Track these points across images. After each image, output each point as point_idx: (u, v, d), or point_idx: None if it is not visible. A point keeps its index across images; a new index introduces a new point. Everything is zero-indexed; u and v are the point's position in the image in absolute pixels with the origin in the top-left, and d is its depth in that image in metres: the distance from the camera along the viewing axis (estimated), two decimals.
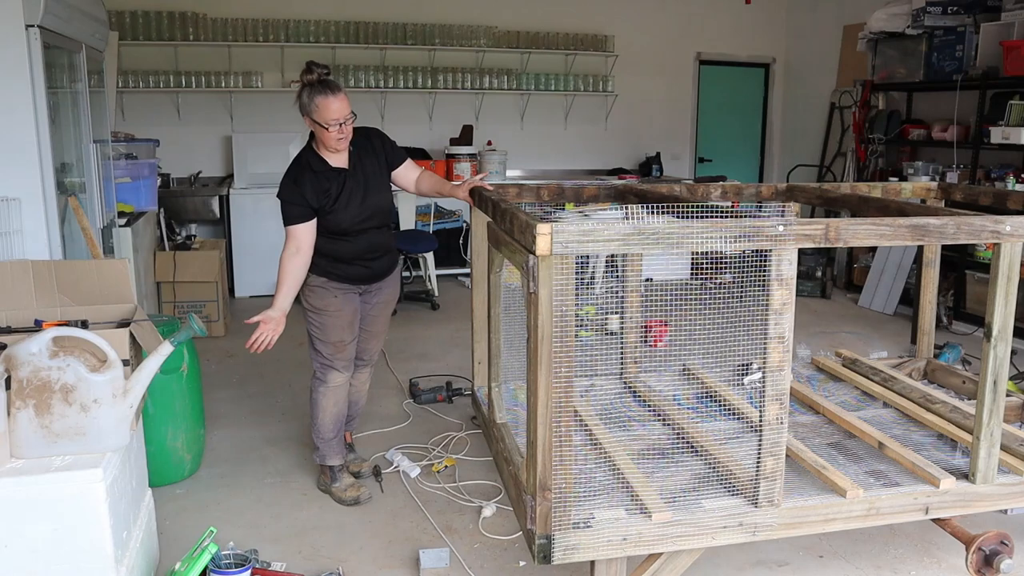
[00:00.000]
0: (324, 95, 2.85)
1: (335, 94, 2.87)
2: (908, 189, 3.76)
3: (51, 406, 2.10)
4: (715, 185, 3.63)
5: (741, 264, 2.44)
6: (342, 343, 3.10)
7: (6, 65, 3.04)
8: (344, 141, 2.96)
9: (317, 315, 3.06)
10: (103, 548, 2.11)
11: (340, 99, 2.88)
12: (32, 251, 3.14)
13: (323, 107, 2.85)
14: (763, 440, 2.21)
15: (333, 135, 2.90)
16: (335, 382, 3.14)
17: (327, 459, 3.19)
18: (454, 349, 5.03)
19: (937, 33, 6.03)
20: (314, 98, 2.86)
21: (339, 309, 3.06)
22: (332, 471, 3.20)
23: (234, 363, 4.85)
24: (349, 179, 3.01)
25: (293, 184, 2.95)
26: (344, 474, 3.22)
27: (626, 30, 7.81)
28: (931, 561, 2.76)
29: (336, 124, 2.88)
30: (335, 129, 2.89)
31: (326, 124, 2.87)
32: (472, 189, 3.14)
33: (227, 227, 6.58)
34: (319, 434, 3.18)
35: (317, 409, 3.16)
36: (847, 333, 5.56)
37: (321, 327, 3.07)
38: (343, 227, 2.99)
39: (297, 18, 6.88)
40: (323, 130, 2.89)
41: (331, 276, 3.04)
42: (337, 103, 2.87)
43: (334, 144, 2.93)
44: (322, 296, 3.05)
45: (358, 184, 3.03)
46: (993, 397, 2.40)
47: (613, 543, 2.17)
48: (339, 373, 3.13)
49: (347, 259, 3.05)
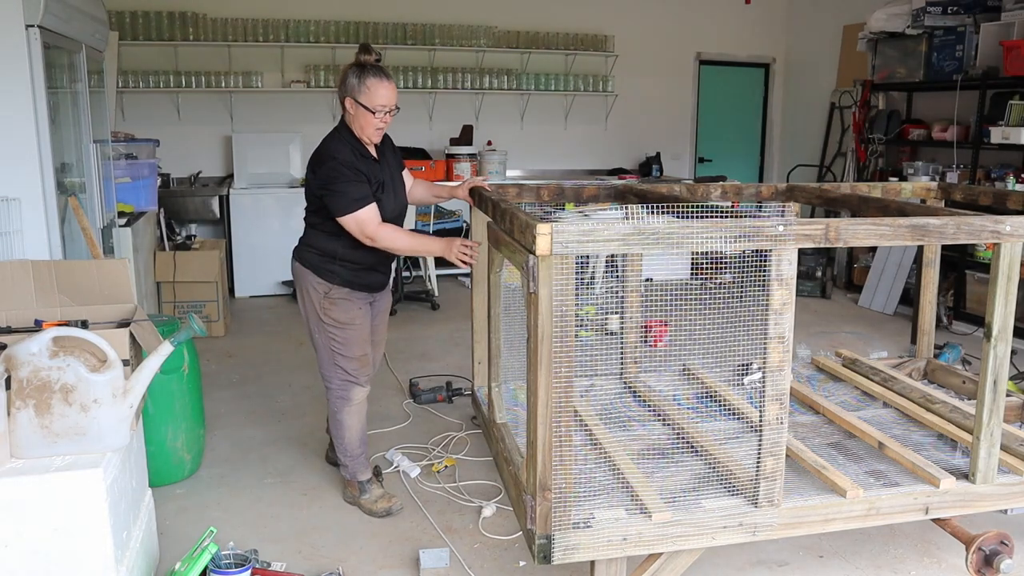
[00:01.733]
0: (378, 78, 2.75)
1: (388, 80, 2.77)
2: (908, 189, 3.76)
3: (51, 406, 2.10)
4: (715, 185, 3.63)
5: (741, 264, 2.44)
6: (366, 356, 2.99)
7: (6, 65, 3.04)
8: (380, 132, 2.85)
9: (341, 330, 2.90)
10: (103, 548, 2.11)
11: (391, 87, 2.78)
12: (32, 251, 3.14)
13: (375, 90, 2.74)
14: (763, 440, 2.21)
15: (376, 122, 2.78)
16: (358, 398, 3.01)
17: (358, 475, 3.05)
18: (454, 349, 5.03)
19: (937, 33, 6.03)
20: (366, 79, 2.74)
21: (363, 321, 2.94)
22: (362, 484, 3.05)
23: (234, 363, 4.85)
24: (383, 172, 2.91)
25: (346, 168, 2.74)
26: (374, 485, 3.07)
27: (626, 30, 7.81)
28: (931, 561, 2.76)
29: (383, 111, 2.77)
30: (380, 116, 2.78)
31: (373, 108, 2.75)
32: (472, 189, 3.12)
33: (227, 227, 6.58)
34: (347, 452, 3.04)
35: (343, 429, 3.01)
36: (847, 333, 5.56)
37: (345, 342, 2.91)
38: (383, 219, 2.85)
39: (297, 18, 6.88)
40: (367, 114, 2.77)
41: (354, 286, 2.91)
42: (388, 89, 2.77)
43: (373, 132, 2.82)
44: (347, 309, 2.91)
45: (389, 180, 2.93)
46: (993, 397, 2.40)
47: (613, 543, 2.17)
48: (362, 388, 3.01)
49: (370, 265, 2.94)
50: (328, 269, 2.90)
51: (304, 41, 6.90)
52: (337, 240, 2.86)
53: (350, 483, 3.08)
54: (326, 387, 3.04)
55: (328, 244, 2.90)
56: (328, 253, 2.90)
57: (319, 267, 2.91)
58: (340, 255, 2.87)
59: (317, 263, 2.92)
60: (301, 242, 3.01)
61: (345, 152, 2.78)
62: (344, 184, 2.73)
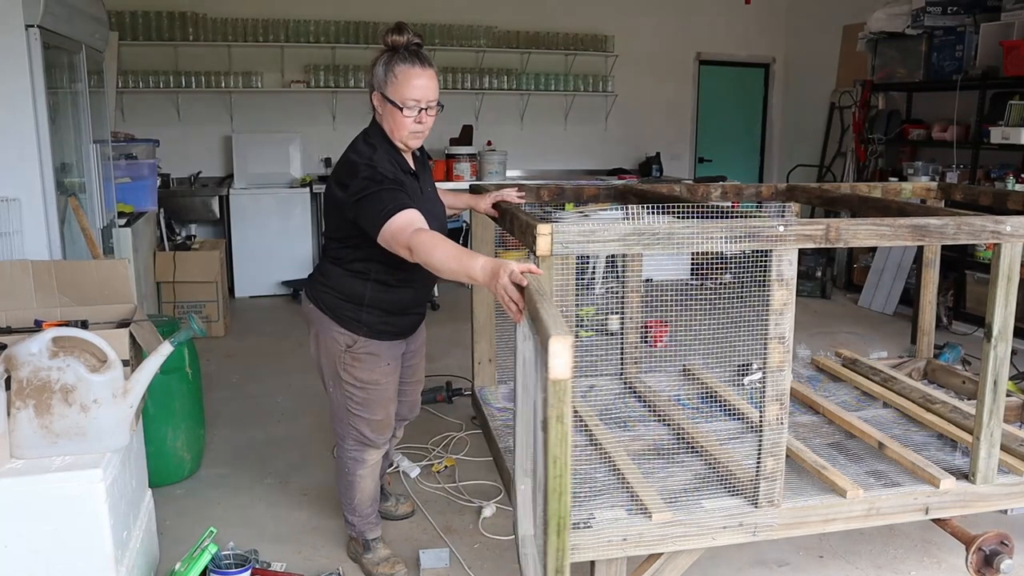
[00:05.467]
0: (409, 63, 2.17)
1: (423, 67, 2.20)
2: (908, 189, 3.76)
3: (51, 406, 2.10)
4: (715, 185, 3.63)
5: (741, 264, 2.44)
6: (388, 418, 2.53)
7: (6, 65, 3.04)
8: (419, 136, 2.28)
9: (363, 390, 2.42)
10: (103, 548, 2.11)
11: (428, 75, 2.20)
12: (32, 251, 3.14)
13: (403, 79, 2.17)
14: (763, 440, 2.21)
15: (408, 121, 2.21)
16: (373, 460, 2.59)
17: (367, 533, 2.68)
18: (454, 349, 5.03)
19: (937, 33, 6.03)
20: (394, 66, 2.18)
21: (389, 378, 2.45)
22: (367, 542, 2.69)
23: (234, 363, 4.85)
24: (423, 188, 2.36)
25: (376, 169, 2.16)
26: (380, 546, 2.69)
27: (626, 30, 7.81)
28: (931, 561, 2.76)
29: (415, 106, 2.20)
30: (411, 113, 2.20)
31: (401, 102, 2.18)
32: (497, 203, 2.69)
33: (227, 227, 6.58)
34: (355, 512, 2.66)
35: (354, 491, 2.61)
36: (847, 333, 5.56)
37: (365, 403, 2.44)
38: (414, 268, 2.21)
39: (297, 18, 6.88)
40: (396, 111, 2.20)
41: (383, 335, 2.40)
42: (423, 79, 2.19)
43: (407, 136, 2.25)
44: (372, 366, 2.41)
45: (428, 197, 2.38)
46: (993, 397, 2.40)
47: (613, 543, 2.17)
48: (378, 450, 2.59)
49: (403, 308, 2.42)
50: (353, 317, 2.36)
51: (304, 41, 6.90)
52: (365, 282, 2.34)
53: (355, 539, 2.74)
54: (337, 443, 2.64)
55: (355, 287, 2.36)
56: (354, 298, 2.36)
57: (341, 315, 2.38)
58: (369, 299, 2.35)
59: (339, 309, 2.37)
60: (318, 280, 2.46)
61: (379, 157, 2.23)
62: (377, 191, 2.11)
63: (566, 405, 1.45)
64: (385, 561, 2.66)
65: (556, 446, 1.46)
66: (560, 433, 1.46)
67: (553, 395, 1.44)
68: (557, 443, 1.46)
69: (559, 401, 1.44)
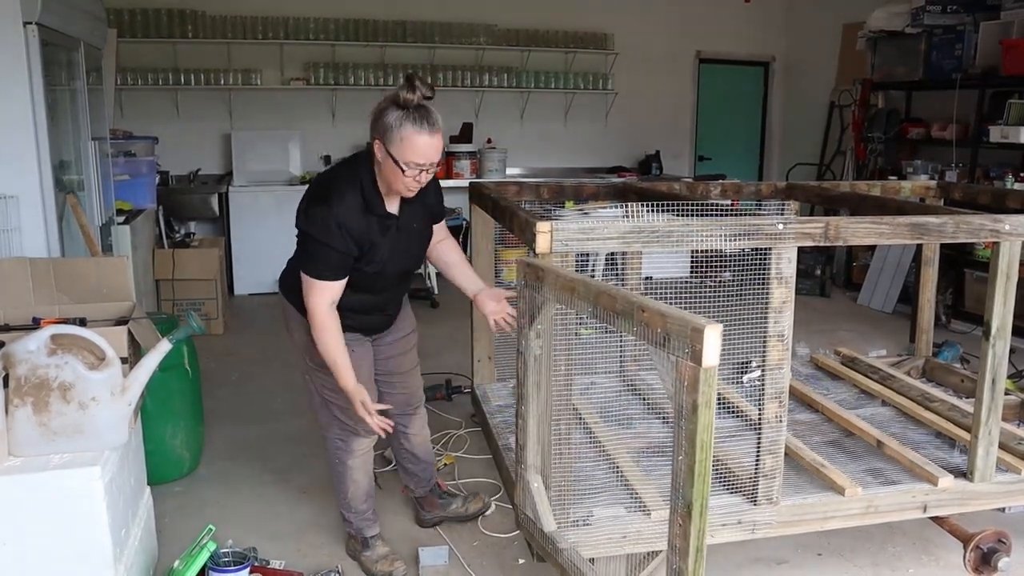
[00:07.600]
0: (418, 128, 2.17)
1: (431, 130, 2.18)
2: (907, 188, 3.76)
3: (49, 404, 2.10)
4: (715, 183, 3.63)
5: (741, 262, 2.44)
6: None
7: (4, 63, 3.04)
8: (414, 191, 2.31)
9: (329, 375, 2.42)
10: (101, 546, 2.11)
11: (435, 138, 2.20)
12: (30, 249, 3.13)
13: (410, 144, 2.17)
14: (762, 438, 2.22)
15: (407, 182, 2.24)
16: (362, 449, 2.62)
17: (364, 531, 2.71)
18: (454, 347, 5.03)
19: (936, 32, 6.03)
20: (404, 127, 2.17)
21: (358, 362, 2.46)
22: (366, 540, 2.71)
23: (233, 361, 4.85)
24: (398, 230, 2.39)
25: (335, 226, 2.23)
26: (379, 544, 2.72)
27: (626, 28, 7.80)
28: (929, 559, 2.77)
29: (416, 169, 2.21)
30: (412, 175, 2.22)
31: (404, 164, 2.19)
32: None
33: (226, 225, 6.57)
34: (350, 508, 2.69)
35: (346, 483, 2.65)
36: (846, 331, 5.57)
37: (336, 389, 2.44)
38: (374, 286, 2.42)
39: (296, 15, 6.86)
40: (395, 170, 2.21)
41: (346, 329, 2.42)
42: (430, 144, 2.19)
43: (402, 189, 2.28)
44: None
45: (404, 237, 2.42)
46: (991, 395, 2.40)
47: (612, 541, 2.17)
48: (364, 438, 2.60)
49: (366, 310, 2.51)
50: None
51: (303, 38, 6.89)
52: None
53: (353, 537, 2.75)
54: (323, 435, 2.70)
55: None
56: None
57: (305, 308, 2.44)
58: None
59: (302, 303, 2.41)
60: (287, 272, 2.53)
61: (346, 207, 2.25)
62: (319, 249, 2.25)
63: (713, 391, 1.54)
64: (384, 559, 2.67)
65: (704, 431, 1.55)
66: (708, 419, 1.55)
67: (704, 382, 1.53)
68: (704, 428, 1.55)
69: (708, 388, 1.54)
